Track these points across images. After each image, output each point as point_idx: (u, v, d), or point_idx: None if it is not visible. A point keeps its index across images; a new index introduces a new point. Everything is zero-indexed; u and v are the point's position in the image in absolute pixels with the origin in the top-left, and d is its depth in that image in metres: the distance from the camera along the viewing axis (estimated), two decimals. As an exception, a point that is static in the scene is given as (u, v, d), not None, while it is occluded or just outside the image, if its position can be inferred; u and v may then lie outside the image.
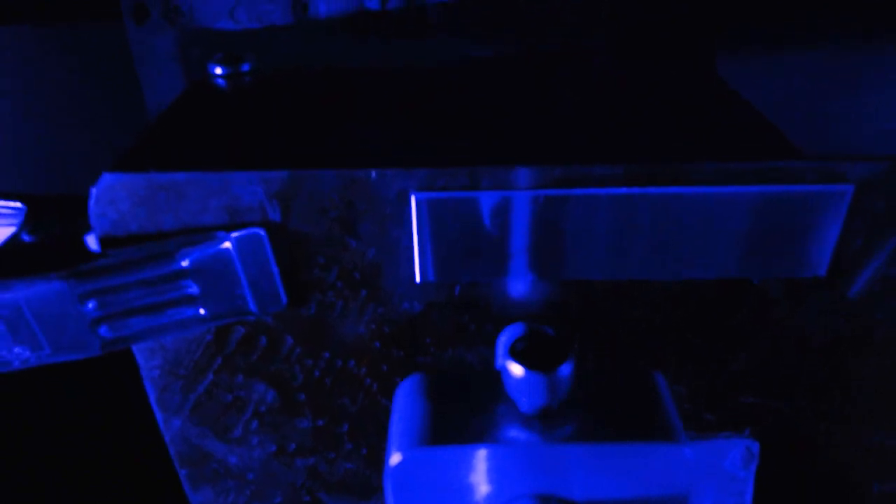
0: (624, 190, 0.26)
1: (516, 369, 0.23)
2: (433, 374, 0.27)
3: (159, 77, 0.48)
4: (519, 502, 0.24)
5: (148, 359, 0.31)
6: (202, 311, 0.28)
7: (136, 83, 0.47)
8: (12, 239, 0.28)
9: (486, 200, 0.26)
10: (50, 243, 0.28)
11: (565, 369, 0.23)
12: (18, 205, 0.30)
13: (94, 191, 0.26)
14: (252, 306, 0.28)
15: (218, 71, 0.38)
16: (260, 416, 0.32)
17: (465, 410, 0.25)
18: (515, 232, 0.27)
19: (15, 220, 0.31)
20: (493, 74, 0.37)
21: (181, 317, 0.28)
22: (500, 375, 0.24)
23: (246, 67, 0.38)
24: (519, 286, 0.29)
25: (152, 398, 0.32)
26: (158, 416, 0.33)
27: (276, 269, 0.28)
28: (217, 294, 0.28)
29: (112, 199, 0.26)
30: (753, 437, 0.33)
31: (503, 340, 0.29)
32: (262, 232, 0.27)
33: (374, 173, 0.26)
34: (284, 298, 0.29)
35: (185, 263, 0.27)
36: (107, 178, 0.26)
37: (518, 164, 0.26)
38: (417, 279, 0.28)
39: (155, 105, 0.48)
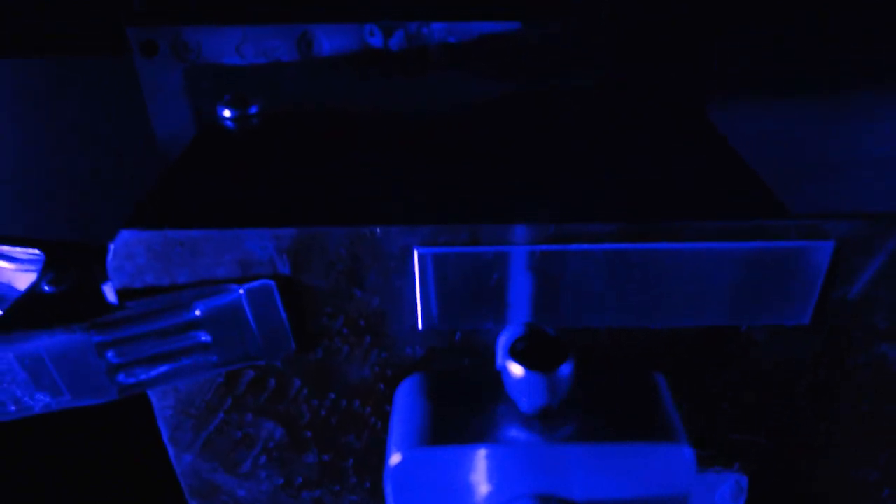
0: (617, 245, 0.27)
1: (516, 369, 0.23)
2: (433, 374, 0.28)
3: (168, 110, 0.49)
4: (519, 502, 0.25)
5: (161, 399, 0.32)
6: (214, 358, 0.29)
7: (144, 116, 0.49)
8: (33, 289, 0.29)
9: (486, 255, 0.28)
10: (69, 293, 0.29)
11: (565, 369, 0.23)
12: (37, 252, 0.32)
13: (111, 246, 0.28)
14: (262, 353, 0.30)
15: (227, 113, 0.39)
16: (268, 452, 0.34)
17: (465, 410, 0.25)
18: (513, 284, 0.28)
19: (34, 267, 0.32)
20: (493, 120, 0.39)
21: (194, 363, 0.29)
22: (500, 375, 0.24)
23: (254, 109, 0.39)
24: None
25: (165, 435, 0.33)
26: (170, 451, 0.34)
27: (285, 318, 0.29)
28: (229, 342, 0.29)
29: (129, 253, 0.28)
30: (742, 471, 0.35)
31: (503, 340, 0.29)
32: (272, 283, 0.28)
33: (379, 230, 0.27)
34: (293, 345, 0.30)
35: (198, 313, 0.28)
36: (124, 235, 0.27)
37: (516, 221, 0.27)
38: (420, 326, 0.30)
39: (164, 137, 0.49)
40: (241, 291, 0.28)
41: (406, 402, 0.27)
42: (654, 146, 0.34)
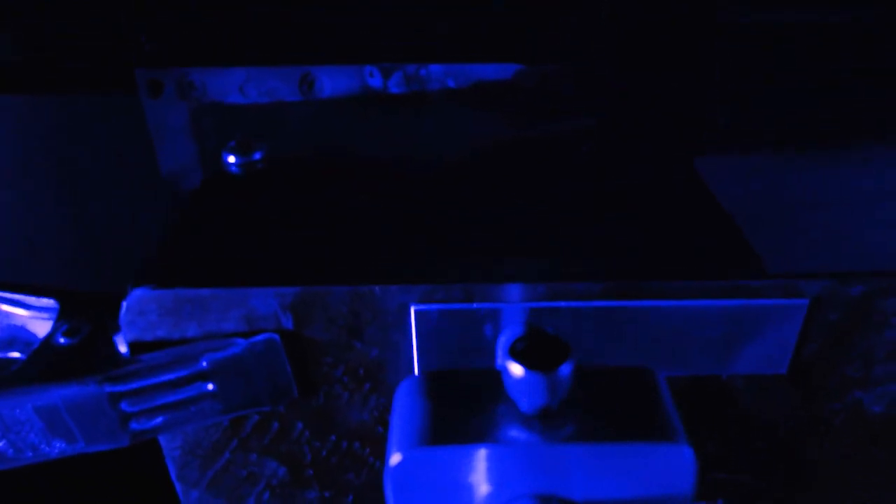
0: (604, 303, 0.29)
1: (516, 369, 0.23)
2: (433, 374, 0.28)
3: (174, 147, 0.51)
4: (519, 502, 0.25)
5: (170, 441, 0.33)
6: (220, 406, 0.31)
7: (150, 153, 0.50)
8: (48, 340, 0.31)
9: (479, 312, 0.29)
10: (83, 344, 0.31)
11: (565, 369, 0.23)
12: (51, 301, 0.33)
13: (124, 304, 0.29)
14: (266, 400, 0.31)
15: (231, 160, 0.40)
16: (272, 489, 0.35)
17: (465, 410, 0.25)
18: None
19: (47, 315, 0.34)
20: (488, 167, 0.40)
21: (202, 410, 0.31)
22: (500, 375, 0.24)
23: (258, 156, 0.41)
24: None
25: (173, 473, 0.35)
26: (178, 487, 0.36)
27: (288, 369, 0.31)
28: (235, 391, 0.31)
29: (141, 310, 0.29)
30: (726, 507, 0.36)
31: (503, 340, 0.30)
32: (276, 337, 0.30)
33: (378, 289, 0.29)
34: (296, 392, 0.31)
35: (205, 365, 0.30)
36: (136, 293, 0.29)
37: (508, 281, 0.29)
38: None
39: (169, 174, 0.51)
40: (247, 345, 0.30)
41: (406, 402, 0.27)
42: (643, 201, 0.36)
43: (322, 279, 0.29)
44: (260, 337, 0.30)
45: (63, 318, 0.32)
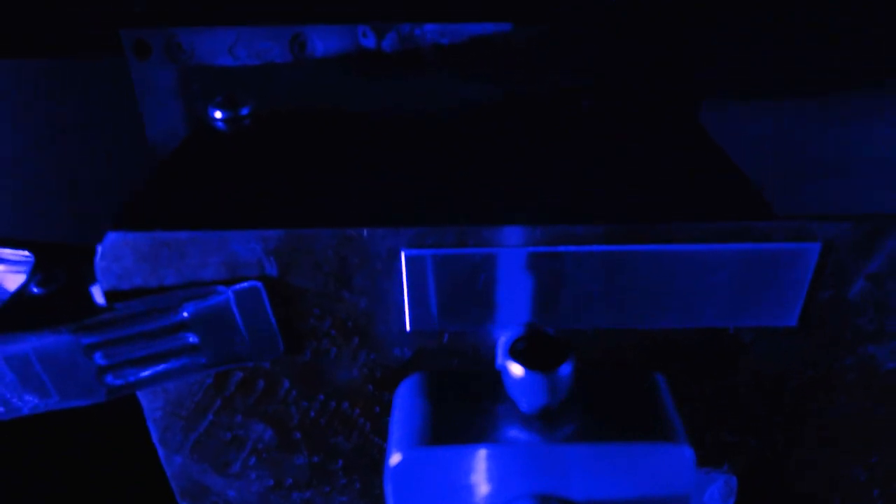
0: (603, 248, 0.27)
1: (516, 369, 0.23)
2: (433, 374, 0.28)
3: (161, 111, 0.49)
4: (519, 502, 0.25)
5: (151, 401, 0.32)
6: (203, 360, 0.29)
7: (137, 118, 0.49)
8: (21, 291, 0.29)
9: (473, 257, 0.28)
10: (57, 294, 0.29)
11: (565, 369, 0.23)
12: (26, 254, 0.32)
13: (99, 248, 0.28)
14: (251, 354, 0.30)
15: (217, 115, 0.39)
16: (258, 453, 0.34)
17: (465, 410, 0.25)
18: (501, 285, 0.28)
19: (23, 268, 0.32)
20: (484, 122, 0.39)
21: (183, 365, 0.29)
22: (500, 375, 0.24)
23: (245, 111, 0.39)
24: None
25: (155, 437, 0.33)
26: (161, 452, 0.34)
27: (273, 320, 0.29)
28: (217, 343, 0.29)
29: (117, 255, 0.28)
30: (732, 471, 0.35)
31: (503, 340, 0.29)
32: (259, 285, 0.28)
33: (365, 232, 0.27)
34: (281, 346, 0.30)
35: (186, 315, 0.28)
36: (111, 237, 0.27)
37: (503, 223, 0.27)
38: (408, 328, 0.30)
39: (156, 138, 0.49)
40: (230, 293, 0.28)
41: (406, 402, 0.27)
42: (644, 150, 0.34)
43: (307, 222, 0.28)
44: (243, 285, 0.28)
45: (38, 269, 0.31)
